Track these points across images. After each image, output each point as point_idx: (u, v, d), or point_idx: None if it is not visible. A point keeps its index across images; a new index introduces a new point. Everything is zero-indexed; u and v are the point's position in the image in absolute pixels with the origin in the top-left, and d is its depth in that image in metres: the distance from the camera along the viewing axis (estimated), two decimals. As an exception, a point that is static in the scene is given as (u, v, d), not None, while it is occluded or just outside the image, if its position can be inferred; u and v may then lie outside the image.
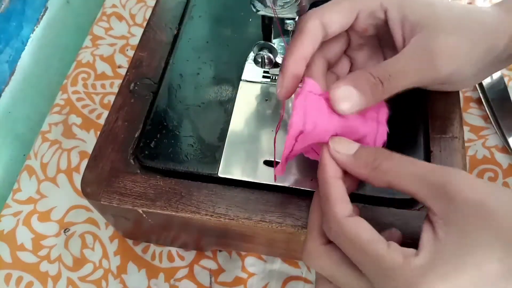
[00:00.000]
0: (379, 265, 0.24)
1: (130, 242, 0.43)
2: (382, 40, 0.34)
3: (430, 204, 0.24)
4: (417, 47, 0.30)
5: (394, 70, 0.29)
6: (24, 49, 0.51)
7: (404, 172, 0.26)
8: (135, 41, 0.53)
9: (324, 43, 0.32)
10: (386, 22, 0.32)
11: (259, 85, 0.38)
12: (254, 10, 0.32)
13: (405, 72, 0.29)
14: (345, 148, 0.28)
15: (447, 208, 0.23)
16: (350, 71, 0.36)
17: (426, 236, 0.24)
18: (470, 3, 0.53)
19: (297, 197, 0.33)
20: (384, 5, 0.31)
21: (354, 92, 0.28)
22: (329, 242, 0.27)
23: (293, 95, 0.31)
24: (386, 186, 0.26)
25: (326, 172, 0.28)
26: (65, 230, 0.43)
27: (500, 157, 0.45)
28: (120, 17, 0.56)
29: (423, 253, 0.23)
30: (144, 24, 0.44)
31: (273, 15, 0.32)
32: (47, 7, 0.54)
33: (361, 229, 0.25)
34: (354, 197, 0.28)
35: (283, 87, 0.30)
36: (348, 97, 0.28)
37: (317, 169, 0.29)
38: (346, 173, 0.28)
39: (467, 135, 0.46)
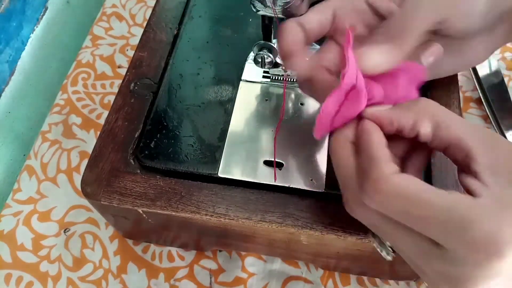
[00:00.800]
0: (447, 213, 0.22)
1: (130, 242, 0.43)
2: None
3: (476, 153, 0.24)
4: None
5: (404, 8, 0.28)
6: (24, 49, 0.51)
7: (455, 117, 0.25)
8: (135, 41, 0.53)
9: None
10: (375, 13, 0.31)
11: (259, 85, 0.38)
12: (254, 10, 0.32)
13: (417, 4, 0.28)
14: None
15: (496, 157, 0.24)
16: None
17: (473, 183, 0.23)
18: None
19: (297, 197, 0.33)
20: None
21: (376, 50, 0.28)
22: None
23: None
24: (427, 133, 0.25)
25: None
26: (65, 230, 0.43)
27: (500, 157, 0.45)
28: (120, 17, 0.56)
29: (484, 195, 0.23)
30: (144, 24, 0.44)
31: (273, 15, 0.32)
32: (47, 7, 0.54)
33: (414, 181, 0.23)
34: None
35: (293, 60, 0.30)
36: (373, 55, 0.28)
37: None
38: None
39: (467, 135, 0.46)
